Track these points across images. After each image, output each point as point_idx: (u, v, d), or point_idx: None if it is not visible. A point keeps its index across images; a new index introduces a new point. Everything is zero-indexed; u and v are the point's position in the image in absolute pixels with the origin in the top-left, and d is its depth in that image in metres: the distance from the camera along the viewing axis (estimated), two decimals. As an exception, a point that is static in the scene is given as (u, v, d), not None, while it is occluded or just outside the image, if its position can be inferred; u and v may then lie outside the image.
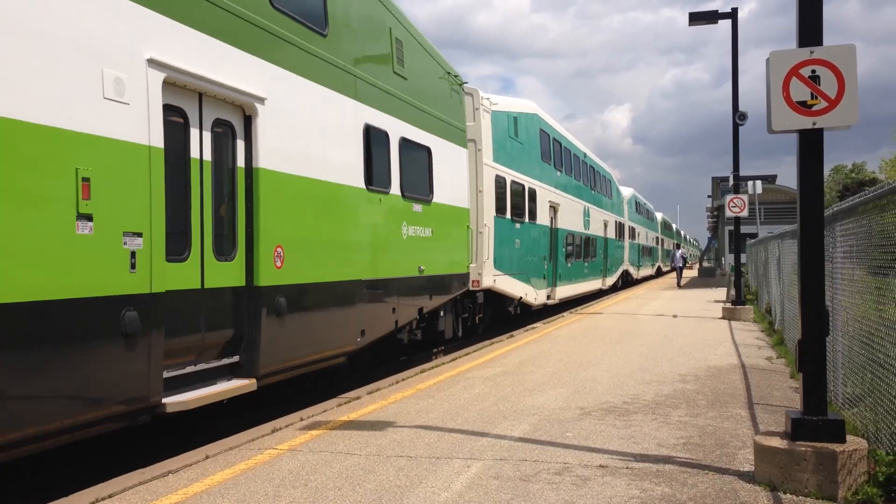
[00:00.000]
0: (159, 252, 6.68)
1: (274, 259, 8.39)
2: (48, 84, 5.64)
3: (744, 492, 5.42)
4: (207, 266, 7.59)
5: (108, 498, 5.52)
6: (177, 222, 7.15)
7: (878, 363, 6.07)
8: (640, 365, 11.55)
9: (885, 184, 5.82)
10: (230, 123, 7.96)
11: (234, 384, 7.80)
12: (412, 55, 12.53)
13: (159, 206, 6.68)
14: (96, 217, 6.00)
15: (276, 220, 8.42)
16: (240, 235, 8.08)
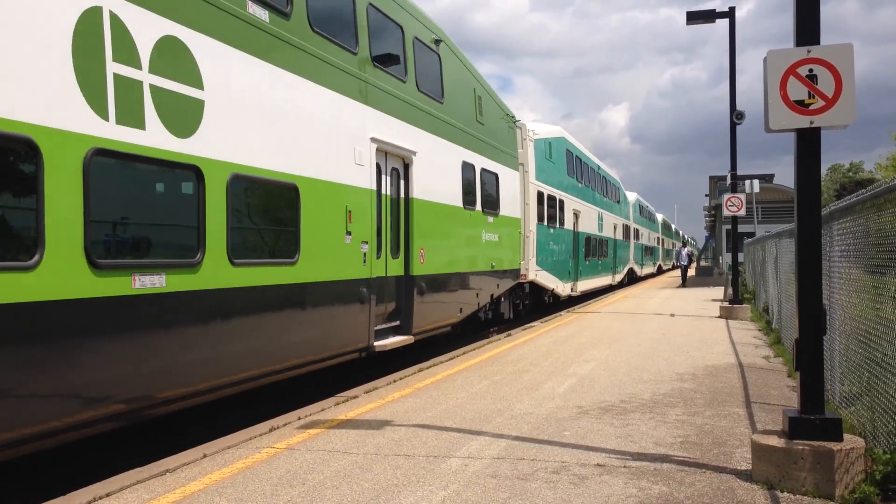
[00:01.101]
0: (372, 252, 10.88)
1: (419, 257, 12.49)
2: (333, 158, 9.85)
3: (741, 490, 5.42)
4: (389, 262, 11.61)
5: (105, 497, 5.51)
6: (378, 234, 11.18)
7: (875, 362, 6.08)
8: (637, 364, 11.56)
9: (881, 182, 5.83)
10: (398, 170, 12.03)
11: (402, 338, 11.79)
12: (486, 105, 16.63)
13: (374, 225, 10.95)
14: (353, 233, 10.26)
15: (420, 231, 12.46)
16: (402, 241, 12.12)
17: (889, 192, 5.56)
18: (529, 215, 20.21)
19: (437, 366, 11.63)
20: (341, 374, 11.31)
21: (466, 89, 15.42)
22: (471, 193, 15.08)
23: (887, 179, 5.70)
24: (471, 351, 13.39)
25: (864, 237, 6.53)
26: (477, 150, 15.58)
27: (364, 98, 10.72)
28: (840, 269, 7.72)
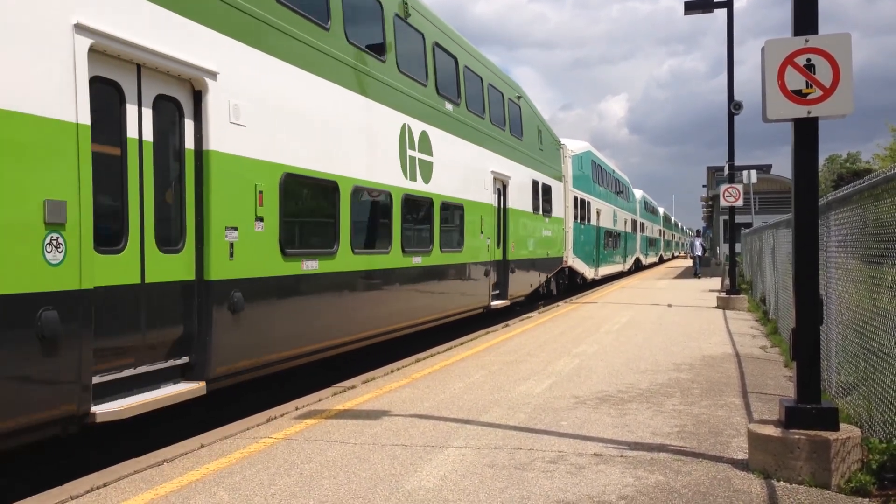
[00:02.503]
0: (493, 245, 16.34)
1: (511, 247, 17.96)
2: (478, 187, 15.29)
3: (737, 479, 5.44)
4: (496, 251, 16.91)
5: (103, 487, 5.52)
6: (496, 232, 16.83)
7: (871, 352, 6.10)
8: (635, 354, 11.58)
9: (879, 172, 5.83)
10: (500, 189, 17.25)
11: (503, 302, 17.28)
12: (544, 135, 22.49)
13: (494, 226, 16.42)
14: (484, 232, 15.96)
15: (511, 229, 17.96)
16: (501, 237, 17.34)
17: (886, 182, 5.56)
18: (568, 215, 25.70)
19: (435, 356, 11.64)
20: (335, 365, 11.33)
21: (533, 127, 21.30)
22: (537, 202, 20.90)
23: (884, 169, 5.70)
24: (468, 341, 13.40)
25: (862, 227, 6.53)
26: (539, 170, 21.44)
27: (489, 147, 16.66)
28: (837, 259, 7.73)
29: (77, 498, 5.30)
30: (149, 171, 6.91)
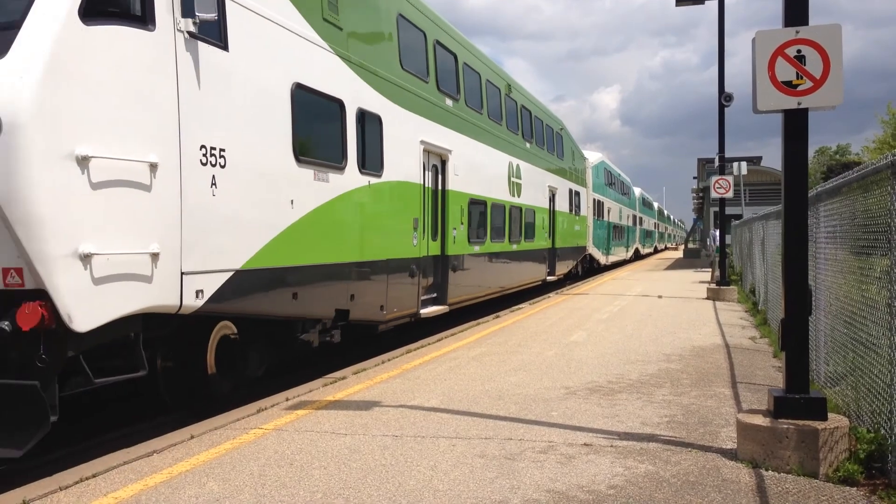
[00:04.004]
0: (549, 237, 23.47)
1: (557, 238, 24.53)
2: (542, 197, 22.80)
3: (726, 469, 5.47)
4: (545, 240, 23.10)
5: (92, 477, 5.50)
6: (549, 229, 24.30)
7: (859, 342, 6.13)
8: (625, 345, 11.62)
9: (868, 164, 5.85)
10: (551, 198, 23.98)
11: (553, 277, 24.24)
12: (576, 153, 29.59)
13: (548, 224, 23.89)
14: (545, 228, 22.98)
15: (556, 225, 24.32)
16: (549, 231, 23.60)
17: (875, 174, 5.58)
18: (589, 214, 31.77)
19: (426, 347, 11.64)
20: (327, 354, 11.32)
21: (570, 149, 28.05)
22: (571, 205, 27.42)
23: (873, 161, 5.72)
24: (459, 332, 13.41)
25: (851, 219, 6.56)
26: (573, 181, 28.06)
27: (546, 168, 23.42)
28: (826, 250, 7.76)
29: (66, 489, 5.29)
30: (427, 198, 13.22)
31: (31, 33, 5.70)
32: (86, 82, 5.96)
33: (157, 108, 6.61)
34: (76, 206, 5.86)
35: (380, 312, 11.23)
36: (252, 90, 7.99)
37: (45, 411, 5.73)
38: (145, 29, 6.50)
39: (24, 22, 5.71)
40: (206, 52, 7.19)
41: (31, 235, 5.59)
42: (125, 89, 6.31)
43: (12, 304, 5.74)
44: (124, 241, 6.25)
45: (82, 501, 5.03)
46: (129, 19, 6.40)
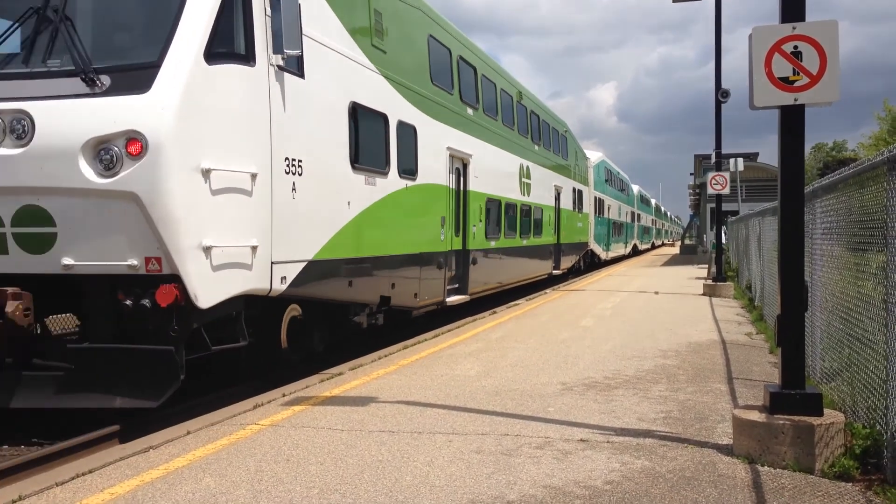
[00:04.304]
0: (555, 232, 24.71)
1: (562, 234, 25.76)
2: (549, 195, 23.90)
3: (722, 465, 5.48)
4: (552, 236, 24.51)
5: (88, 473, 5.50)
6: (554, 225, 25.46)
7: (855, 338, 6.14)
8: (621, 341, 11.63)
9: (864, 160, 5.85)
10: (557, 196, 25.36)
11: (558, 271, 25.80)
12: (579, 155, 31.17)
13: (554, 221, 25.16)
14: (551, 225, 24.03)
15: (561, 222, 25.91)
16: (555, 227, 24.90)
17: (871, 170, 5.59)
18: (591, 211, 33.11)
19: (422, 343, 11.65)
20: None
21: (573, 150, 29.56)
22: (575, 203, 28.75)
23: (869, 157, 5.72)
24: (455, 328, 13.42)
25: (847, 215, 6.57)
26: (576, 180, 29.44)
27: (552, 169, 24.68)
28: (822, 246, 7.77)
29: (62, 484, 5.28)
30: (452, 198, 14.54)
31: (168, 73, 7.19)
32: (207, 110, 7.48)
33: (256, 128, 8.11)
34: (201, 208, 7.38)
35: (414, 300, 12.77)
36: (320, 110, 9.48)
37: (177, 371, 7.32)
38: (248, 65, 8.02)
39: (161, 63, 7.23)
40: (289, 81, 8.70)
41: (168, 231, 7.09)
42: (234, 114, 7.83)
43: (151, 286, 7.21)
44: (233, 236, 7.78)
45: (78, 497, 5.03)
46: (238, 58, 7.93)
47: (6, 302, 7.20)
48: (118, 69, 7.36)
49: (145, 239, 7.16)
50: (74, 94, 7.23)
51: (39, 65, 7.54)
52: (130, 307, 7.32)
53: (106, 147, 7.05)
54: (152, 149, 7.00)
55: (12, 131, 7.19)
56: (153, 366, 7.36)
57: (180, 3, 7.50)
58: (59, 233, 7.28)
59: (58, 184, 7.14)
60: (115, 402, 7.39)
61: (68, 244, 7.29)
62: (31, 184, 7.19)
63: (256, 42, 8.13)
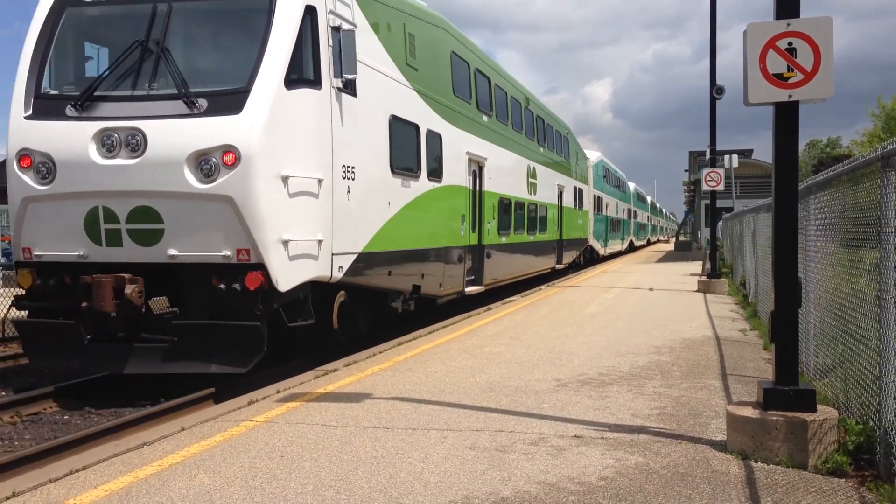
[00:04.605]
0: (558, 229, 26.03)
1: (564, 231, 27.01)
2: (552, 194, 25.40)
3: (716, 460, 5.49)
4: (556, 232, 26.01)
5: (82, 469, 5.48)
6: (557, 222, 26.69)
7: (849, 334, 6.16)
8: (616, 337, 11.64)
9: (858, 156, 5.86)
10: (559, 194, 26.80)
11: (560, 265, 27.08)
12: (579, 155, 32.50)
13: (556, 219, 26.15)
14: (555, 222, 25.48)
15: (564, 219, 27.18)
16: (559, 225, 26.40)
17: (865, 167, 5.60)
18: (590, 209, 34.49)
19: (417, 339, 11.64)
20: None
21: (574, 151, 31.12)
22: (576, 201, 30.26)
23: (863, 154, 5.73)
24: (450, 325, 13.41)
25: (841, 211, 6.58)
26: (577, 179, 30.78)
27: (555, 169, 25.99)
28: (816, 243, 7.79)
29: (56, 481, 5.27)
30: (470, 198, 15.94)
31: (256, 97, 8.78)
32: (286, 127, 9.07)
33: (321, 141, 9.71)
34: (281, 208, 8.98)
35: (439, 289, 14.31)
36: (368, 123, 11.02)
37: (262, 343, 8.93)
38: (316, 88, 9.59)
39: (251, 89, 8.81)
40: (346, 100, 10.25)
41: (256, 228, 8.69)
42: (305, 129, 9.43)
43: (241, 273, 8.78)
44: (305, 232, 9.41)
45: (72, 494, 5.01)
46: (309, 83, 9.51)
47: (125, 285, 8.78)
48: (214, 94, 8.91)
49: (237, 234, 8.73)
50: (178, 115, 8.78)
51: (147, 89, 9.10)
52: (224, 290, 8.83)
53: (206, 158, 8.64)
54: (244, 160, 8.61)
55: (127, 145, 8.76)
56: (242, 339, 8.92)
57: (264, 38, 9.04)
58: (166, 229, 8.85)
59: (166, 188, 8.71)
60: (211, 367, 8.91)
61: (173, 238, 8.87)
62: (144, 188, 8.76)
63: (322, 69, 9.70)
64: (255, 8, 9.34)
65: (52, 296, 9.36)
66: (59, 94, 9.44)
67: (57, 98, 9.36)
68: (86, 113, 9.04)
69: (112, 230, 9.00)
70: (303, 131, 9.38)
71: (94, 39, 10.03)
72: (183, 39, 9.55)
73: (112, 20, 9.90)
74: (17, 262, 9.52)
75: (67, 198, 9.02)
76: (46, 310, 9.44)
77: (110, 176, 8.83)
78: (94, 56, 9.91)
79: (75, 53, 9.97)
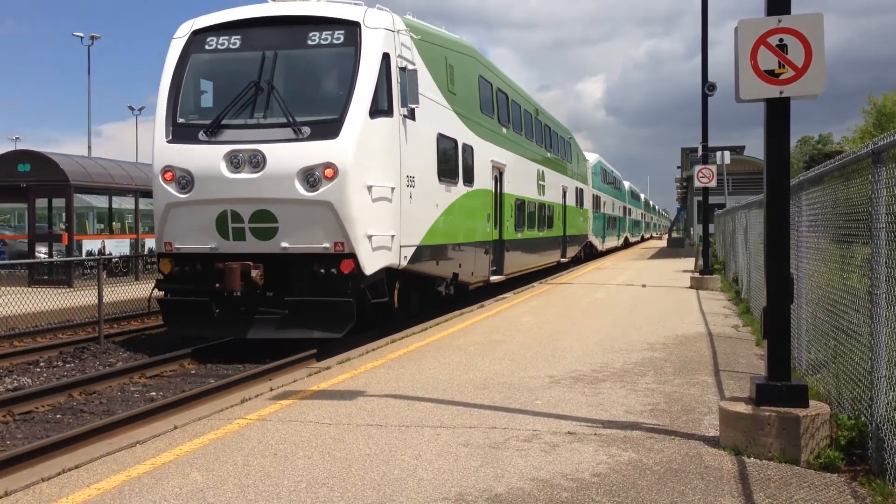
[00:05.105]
0: (563, 226, 28.50)
1: (567, 228, 29.60)
2: (559, 194, 27.86)
3: (709, 456, 5.51)
4: (560, 229, 28.38)
5: (74, 469, 5.46)
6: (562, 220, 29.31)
7: (841, 330, 6.18)
8: (609, 334, 11.66)
9: (849, 153, 5.87)
10: (564, 194, 29.60)
11: (564, 259, 29.31)
12: (580, 158, 35.37)
13: (562, 217, 28.44)
14: (560, 221, 28.15)
15: (567, 217, 29.61)
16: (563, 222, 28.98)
17: (856, 162, 5.61)
18: (590, 207, 36.74)
19: (410, 336, 11.64)
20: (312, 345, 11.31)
21: (575, 153, 33.79)
22: (577, 200, 32.31)
23: (854, 150, 5.75)
24: (443, 322, 13.42)
25: (832, 207, 6.59)
26: (578, 180, 33.19)
27: (560, 171, 28.24)
28: (808, 239, 7.81)
29: (48, 480, 5.24)
30: (493, 199, 18.16)
31: (348, 125, 11.27)
32: (370, 147, 11.56)
33: (392, 157, 12.21)
34: (367, 211, 11.46)
35: (471, 277, 16.72)
36: (422, 141, 13.49)
37: (353, 315, 11.40)
38: (389, 117, 12.06)
39: (344, 119, 11.32)
40: (409, 124, 12.72)
41: (349, 225, 11.17)
42: (382, 149, 11.93)
43: (337, 261, 11.32)
44: (382, 228, 11.91)
45: (65, 493, 4.99)
46: (384, 113, 11.93)
47: (250, 270, 11.30)
48: (315, 122, 11.40)
49: (335, 230, 11.21)
50: (289, 139, 11.29)
51: (263, 119, 11.63)
52: (323, 274, 11.39)
53: (311, 172, 11.10)
54: (341, 173, 11.09)
55: (250, 162, 11.24)
56: (338, 311, 11.38)
57: (352, 78, 11.56)
58: (280, 227, 11.34)
59: (280, 196, 11.19)
60: (314, 333, 11.39)
61: (285, 234, 11.36)
62: (263, 196, 11.27)
63: (393, 101, 12.13)
64: (344, 54, 11.84)
65: (186, 279, 11.88)
66: (191, 123, 11.94)
67: (190, 126, 11.86)
68: (215, 138, 11.57)
69: (238, 228, 11.50)
70: (381, 150, 11.91)
71: (214, 79, 12.52)
72: (288, 79, 11.99)
73: (228, 64, 12.39)
74: (159, 253, 12.16)
75: (202, 203, 11.52)
76: (182, 290, 11.99)
77: (237, 186, 11.31)
78: (215, 92, 12.40)
79: (200, 90, 12.54)
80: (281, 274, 11.62)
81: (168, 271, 11.98)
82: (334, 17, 12.05)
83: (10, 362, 11.64)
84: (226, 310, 11.71)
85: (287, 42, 12.07)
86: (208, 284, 11.55)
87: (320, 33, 11.99)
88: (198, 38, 12.42)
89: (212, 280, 11.48)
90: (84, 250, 22.77)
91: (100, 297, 13.39)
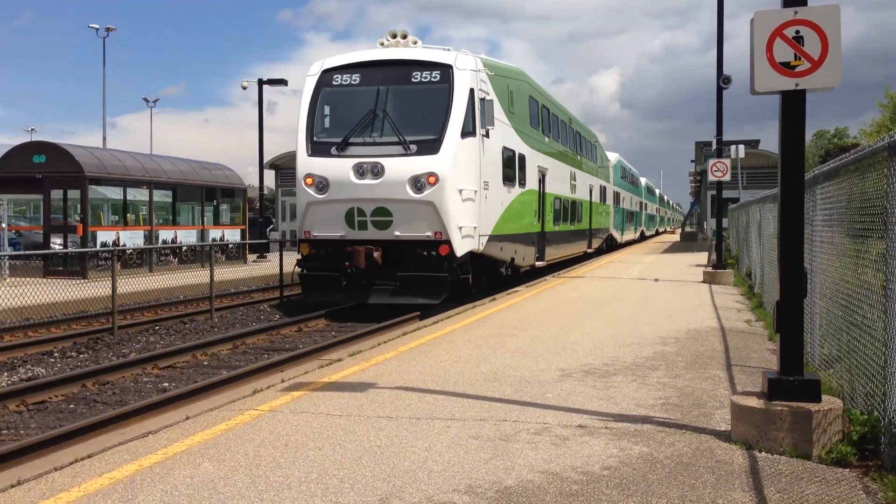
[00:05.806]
0: (590, 221, 32.21)
1: (592, 222, 33.26)
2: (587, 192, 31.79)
3: (720, 451, 5.49)
4: (585, 223, 31.88)
5: (87, 458, 5.50)
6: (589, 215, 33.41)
7: (855, 325, 6.13)
8: (621, 328, 11.63)
9: (865, 146, 5.82)
10: (591, 192, 34.23)
11: (588, 250, 33.06)
12: (604, 159, 39.76)
13: (589, 212, 32.29)
14: (587, 216, 31.80)
15: (593, 213, 33.55)
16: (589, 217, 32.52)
17: (872, 156, 5.56)
18: (611, 203, 40.12)
19: (422, 329, 11.65)
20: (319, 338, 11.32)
21: (600, 155, 37.61)
22: (601, 197, 36.19)
23: (870, 143, 5.69)
24: (455, 315, 13.42)
25: (847, 201, 6.54)
26: (602, 178, 36.67)
27: (589, 172, 32.33)
28: (822, 233, 7.75)
29: (61, 469, 5.29)
30: (538, 197, 22.30)
31: (446, 144, 15.23)
32: (460, 160, 15.46)
33: (475, 167, 16.06)
34: (459, 208, 15.37)
35: (523, 261, 20.48)
36: (493, 153, 17.20)
37: (448, 286, 15.45)
38: (473, 137, 15.92)
39: (442, 139, 15.30)
40: (485, 140, 16.49)
41: (446, 219, 15.08)
42: (468, 161, 15.78)
43: (436, 246, 15.21)
44: (469, 221, 15.82)
45: (77, 482, 5.03)
46: (470, 134, 15.79)
47: (373, 252, 15.25)
48: (420, 141, 15.31)
49: (435, 223, 15.14)
50: (401, 154, 15.24)
51: (380, 138, 15.56)
52: (426, 256, 15.28)
53: (418, 179, 15.05)
54: (440, 180, 15.06)
55: (372, 171, 15.23)
56: (436, 283, 15.35)
57: (447, 107, 15.48)
58: (394, 220, 15.31)
59: (395, 197, 15.20)
60: (418, 300, 15.33)
61: (398, 225, 15.35)
62: (382, 197, 15.29)
63: (476, 124, 15.98)
64: (441, 89, 15.67)
65: (320, 259, 15.95)
66: (325, 141, 15.95)
67: (324, 143, 15.89)
68: (344, 152, 15.54)
69: (362, 220, 15.45)
70: (468, 162, 15.82)
71: (340, 107, 16.37)
72: (398, 108, 15.81)
73: (351, 96, 16.19)
74: (300, 239, 16.15)
75: (335, 202, 15.55)
76: (317, 267, 16.02)
77: (361, 189, 15.29)
78: (341, 117, 16.22)
79: (330, 116, 16.49)
80: (393, 255, 15.41)
81: (307, 253, 16.06)
82: (433, 61, 15.95)
83: (24, 352, 11.76)
84: (350, 282, 15.61)
85: (396, 79, 15.93)
86: (338, 263, 15.47)
87: (422, 73, 15.88)
88: (326, 76, 16.37)
89: (341, 260, 15.38)
90: (98, 242, 22.93)
91: (114, 289, 13.50)
